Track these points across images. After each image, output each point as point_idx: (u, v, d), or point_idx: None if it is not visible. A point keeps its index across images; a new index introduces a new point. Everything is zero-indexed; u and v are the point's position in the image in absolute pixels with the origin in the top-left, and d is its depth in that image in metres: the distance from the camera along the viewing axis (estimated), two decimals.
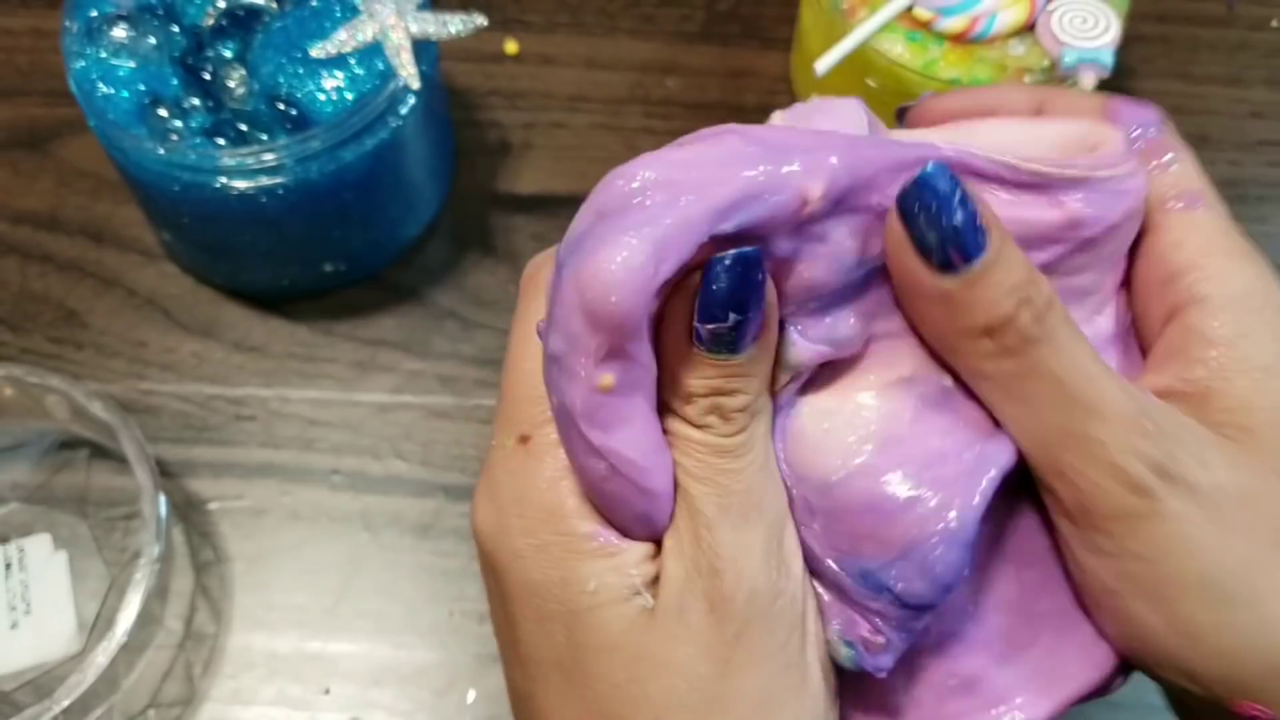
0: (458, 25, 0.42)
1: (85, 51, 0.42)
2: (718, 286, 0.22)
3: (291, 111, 0.42)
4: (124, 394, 0.46)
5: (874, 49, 0.45)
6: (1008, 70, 0.45)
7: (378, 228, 0.46)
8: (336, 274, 0.47)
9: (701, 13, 0.56)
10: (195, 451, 0.45)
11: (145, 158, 0.41)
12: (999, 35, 0.45)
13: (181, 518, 0.43)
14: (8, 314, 0.47)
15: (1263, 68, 0.55)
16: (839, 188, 0.23)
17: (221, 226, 0.43)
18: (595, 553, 0.23)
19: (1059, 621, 0.26)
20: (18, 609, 0.40)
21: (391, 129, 0.42)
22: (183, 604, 0.41)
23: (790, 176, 0.22)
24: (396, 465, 0.44)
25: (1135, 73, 0.55)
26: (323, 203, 0.43)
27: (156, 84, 0.42)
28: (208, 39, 0.44)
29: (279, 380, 0.46)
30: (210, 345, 0.47)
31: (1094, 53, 0.43)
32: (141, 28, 0.42)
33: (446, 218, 0.50)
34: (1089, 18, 0.44)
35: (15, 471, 0.44)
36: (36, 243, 0.49)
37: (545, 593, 0.24)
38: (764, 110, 0.54)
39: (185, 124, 0.42)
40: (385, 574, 0.42)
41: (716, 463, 0.23)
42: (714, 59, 0.55)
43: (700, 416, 0.23)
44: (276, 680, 0.41)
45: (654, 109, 0.53)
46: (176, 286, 0.48)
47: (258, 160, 0.40)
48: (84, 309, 0.48)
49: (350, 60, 0.42)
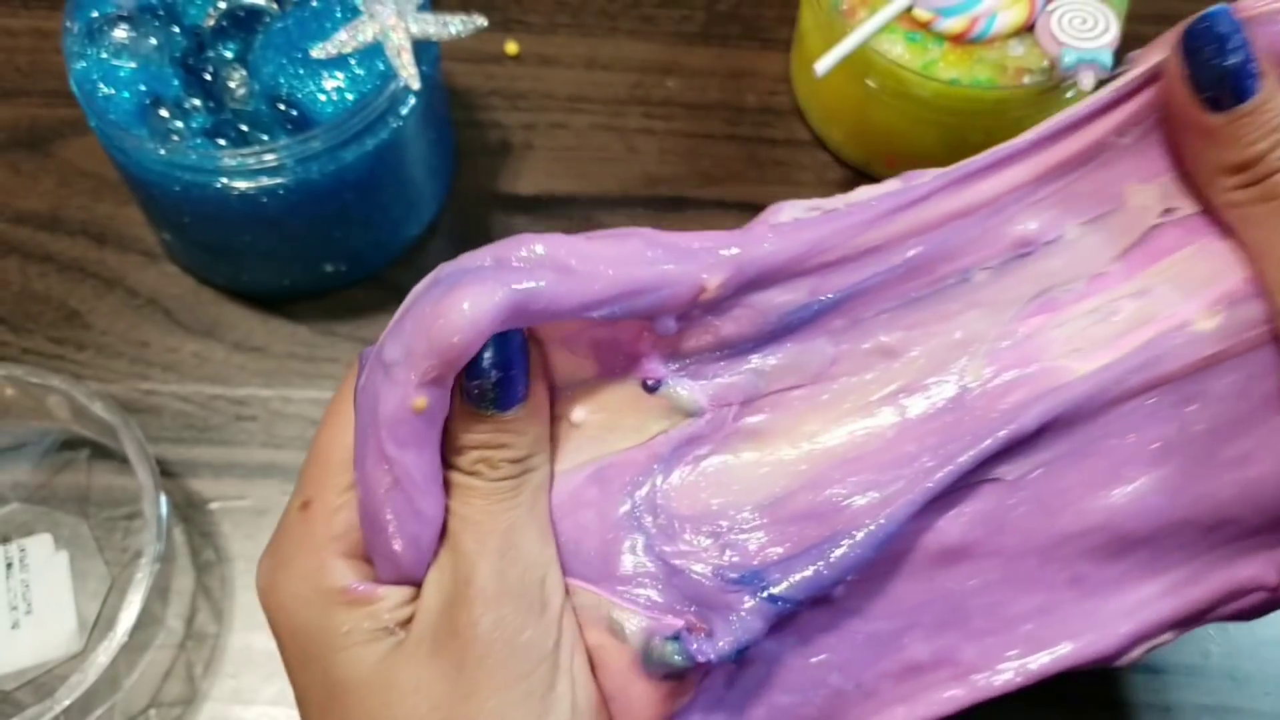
0: (458, 26, 0.42)
1: (86, 52, 0.42)
2: (481, 349, 0.25)
3: (292, 112, 0.42)
4: (125, 394, 0.46)
5: (874, 49, 0.45)
6: (1007, 71, 0.45)
7: (379, 228, 0.46)
8: (337, 274, 0.47)
9: (701, 13, 0.56)
10: (196, 451, 0.45)
11: (146, 158, 0.41)
12: (998, 36, 0.45)
13: (183, 518, 0.43)
14: (9, 314, 0.48)
15: None
16: (744, 276, 0.27)
17: (222, 227, 0.43)
18: (352, 602, 0.26)
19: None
20: (19, 609, 0.40)
21: (392, 129, 0.42)
22: (184, 604, 0.41)
23: (684, 274, 0.26)
24: None
25: None
26: (323, 203, 0.43)
27: (157, 84, 0.42)
28: (209, 40, 0.44)
29: (280, 380, 0.46)
30: (212, 345, 0.47)
31: (1093, 53, 0.43)
32: (142, 28, 0.43)
33: (447, 218, 0.50)
34: (1088, 18, 0.44)
35: (16, 471, 0.44)
36: (38, 243, 0.49)
37: (306, 640, 0.26)
38: (764, 110, 0.55)
39: (186, 124, 0.42)
40: None
41: (481, 504, 0.26)
42: (714, 59, 0.55)
43: (470, 465, 0.26)
44: (277, 680, 0.41)
45: (654, 109, 0.53)
46: (178, 287, 0.48)
47: (258, 161, 0.40)
48: (85, 309, 0.48)
49: (351, 61, 0.42)
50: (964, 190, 0.28)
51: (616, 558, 0.27)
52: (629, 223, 0.50)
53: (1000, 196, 0.29)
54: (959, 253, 0.29)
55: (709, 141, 0.52)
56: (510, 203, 0.51)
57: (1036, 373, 0.28)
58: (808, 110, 0.53)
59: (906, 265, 0.28)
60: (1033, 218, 0.29)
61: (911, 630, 0.28)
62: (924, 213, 0.28)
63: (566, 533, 0.28)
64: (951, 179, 0.28)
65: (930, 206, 0.28)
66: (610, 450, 0.28)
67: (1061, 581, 0.28)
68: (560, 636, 0.26)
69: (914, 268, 0.28)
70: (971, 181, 0.29)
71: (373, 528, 0.26)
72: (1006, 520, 0.28)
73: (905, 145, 0.49)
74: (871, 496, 0.27)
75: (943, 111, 0.46)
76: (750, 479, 0.28)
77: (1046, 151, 0.29)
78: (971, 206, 0.28)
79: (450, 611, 0.25)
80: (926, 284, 0.29)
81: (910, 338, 0.29)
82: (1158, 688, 0.42)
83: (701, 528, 0.28)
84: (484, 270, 0.25)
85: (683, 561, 0.27)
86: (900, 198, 0.28)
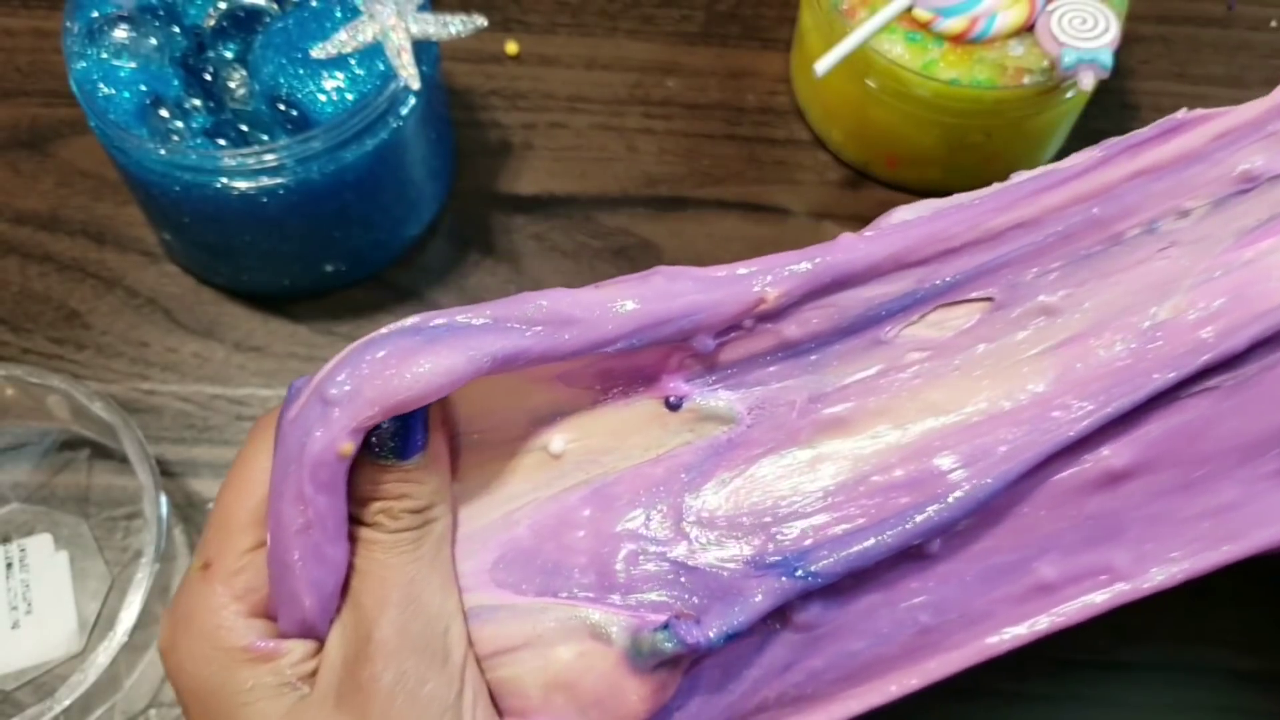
0: (458, 26, 0.42)
1: (86, 52, 0.42)
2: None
3: (292, 112, 0.42)
4: (125, 394, 0.46)
5: (874, 49, 0.45)
6: (1007, 71, 0.45)
7: (379, 228, 0.46)
8: (337, 274, 0.47)
9: (701, 13, 0.56)
10: (196, 451, 0.45)
11: (146, 158, 0.41)
12: (998, 36, 0.45)
13: (183, 517, 0.43)
14: (9, 314, 0.48)
15: (1262, 68, 0.55)
16: (817, 283, 0.29)
17: (222, 227, 0.43)
18: (253, 660, 0.27)
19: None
20: (19, 609, 0.40)
21: (392, 129, 0.42)
22: None
23: (727, 296, 0.28)
24: None
25: (1134, 73, 0.55)
26: (323, 203, 0.43)
27: (158, 85, 0.42)
28: (209, 40, 0.44)
29: (281, 380, 0.46)
30: (212, 345, 0.47)
31: (1093, 53, 0.43)
32: (143, 29, 0.43)
33: (447, 218, 0.50)
34: (1088, 18, 0.44)
35: (16, 471, 0.44)
36: (37, 243, 0.49)
37: (209, 697, 0.27)
38: (764, 110, 0.55)
39: (186, 125, 0.42)
40: None
41: (381, 558, 0.26)
42: (714, 59, 0.55)
43: (370, 517, 0.27)
44: None
45: (654, 109, 0.53)
46: (178, 287, 0.48)
47: (259, 161, 0.40)
48: (85, 309, 0.48)
49: (351, 61, 0.42)
50: (1148, 152, 0.31)
51: (612, 569, 0.28)
52: (629, 222, 0.50)
53: (1208, 144, 0.32)
54: (1140, 207, 0.31)
55: (709, 141, 0.52)
56: (510, 202, 0.51)
57: (1255, 295, 0.30)
58: (808, 110, 0.53)
59: (1068, 229, 0.31)
60: (1258, 154, 0.32)
61: (1042, 556, 0.30)
62: (1092, 181, 0.31)
63: (547, 554, 0.28)
64: (1121, 148, 0.31)
65: (1105, 172, 0.31)
66: (610, 470, 0.29)
67: (1264, 474, 0.31)
68: (463, 686, 0.27)
69: (1082, 228, 0.31)
70: (1152, 145, 0.31)
71: (279, 567, 0.26)
72: (1205, 428, 0.31)
73: (905, 145, 0.49)
74: (992, 455, 0.29)
75: (942, 112, 0.46)
76: (820, 468, 0.30)
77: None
78: (1160, 164, 0.31)
79: (353, 665, 0.26)
80: (1100, 241, 0.31)
81: (1081, 293, 0.31)
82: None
83: (740, 522, 0.29)
84: (462, 331, 0.26)
85: (704, 557, 0.28)
86: (1049, 178, 0.31)
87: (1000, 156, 0.49)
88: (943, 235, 0.30)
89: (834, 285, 0.29)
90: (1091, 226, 0.31)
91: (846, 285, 0.29)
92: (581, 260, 0.49)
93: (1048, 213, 0.31)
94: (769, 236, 0.50)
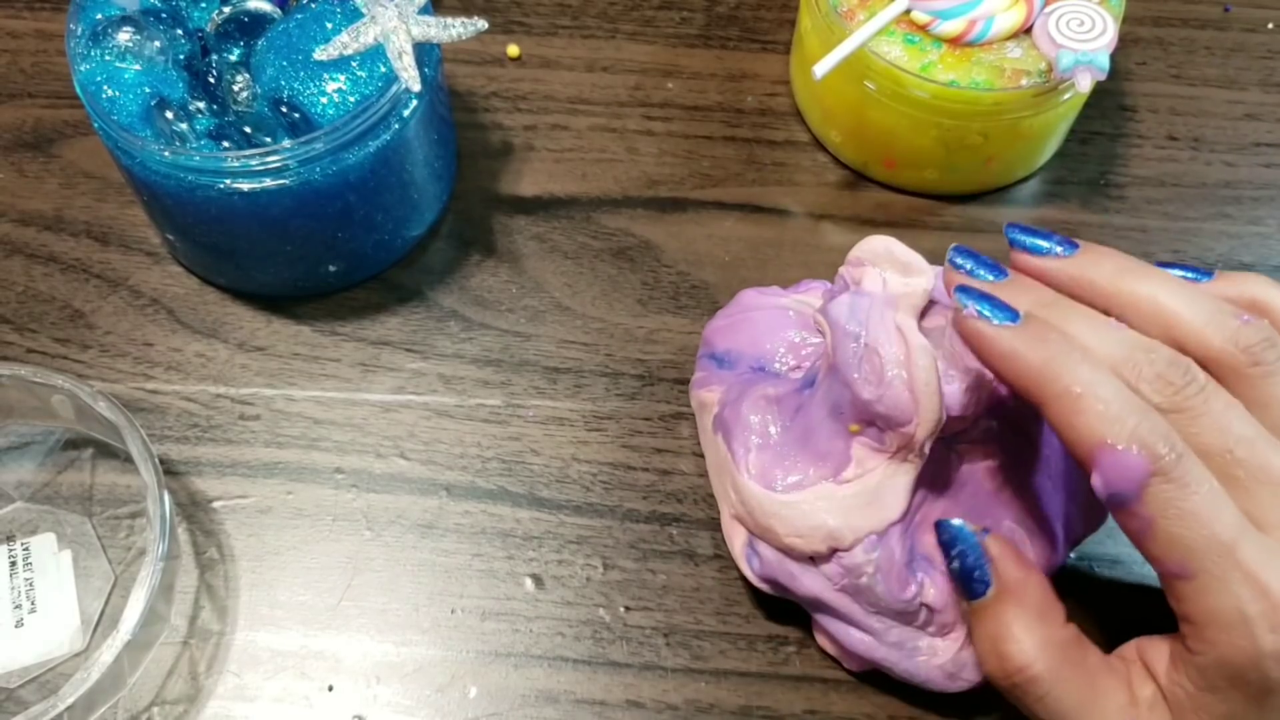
0: (459, 28, 0.42)
1: (90, 55, 0.42)
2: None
3: (295, 114, 0.42)
4: (129, 394, 0.46)
5: (872, 52, 0.46)
6: (1004, 73, 0.45)
7: (381, 229, 0.47)
8: (340, 274, 0.47)
9: (701, 16, 0.56)
10: (200, 450, 0.45)
11: (151, 160, 0.41)
12: (996, 38, 0.45)
13: (186, 516, 0.43)
14: (13, 315, 0.48)
15: (1259, 70, 0.55)
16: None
17: (226, 228, 0.44)
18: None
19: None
20: (23, 607, 0.41)
21: (394, 131, 0.43)
22: (187, 602, 0.42)
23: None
24: (399, 464, 0.45)
25: (1131, 75, 0.55)
26: (326, 204, 0.43)
27: (162, 87, 0.42)
28: (212, 43, 0.44)
29: (283, 380, 0.47)
30: (215, 346, 0.47)
31: (1090, 55, 0.44)
32: (146, 31, 0.43)
33: (449, 219, 0.50)
34: (1086, 20, 0.44)
35: (20, 470, 0.44)
36: (42, 244, 0.49)
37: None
38: (763, 112, 0.55)
39: (190, 127, 0.42)
40: (388, 572, 0.43)
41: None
42: (713, 62, 0.55)
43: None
44: (280, 677, 0.41)
45: (654, 111, 0.53)
46: (181, 287, 0.49)
47: (262, 163, 0.41)
48: (89, 310, 0.48)
49: (353, 63, 0.42)
50: None
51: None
52: (629, 223, 0.50)
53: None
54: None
55: (708, 143, 0.53)
56: (511, 204, 0.51)
57: None
58: (806, 112, 0.53)
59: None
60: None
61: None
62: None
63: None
64: None
65: None
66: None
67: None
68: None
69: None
70: None
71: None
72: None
73: (903, 147, 0.49)
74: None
75: (940, 113, 0.46)
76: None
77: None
78: None
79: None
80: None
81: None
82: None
83: None
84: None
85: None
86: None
87: (998, 158, 0.49)
88: None
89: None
90: None
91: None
92: (582, 261, 0.50)
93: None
94: (768, 237, 0.50)
